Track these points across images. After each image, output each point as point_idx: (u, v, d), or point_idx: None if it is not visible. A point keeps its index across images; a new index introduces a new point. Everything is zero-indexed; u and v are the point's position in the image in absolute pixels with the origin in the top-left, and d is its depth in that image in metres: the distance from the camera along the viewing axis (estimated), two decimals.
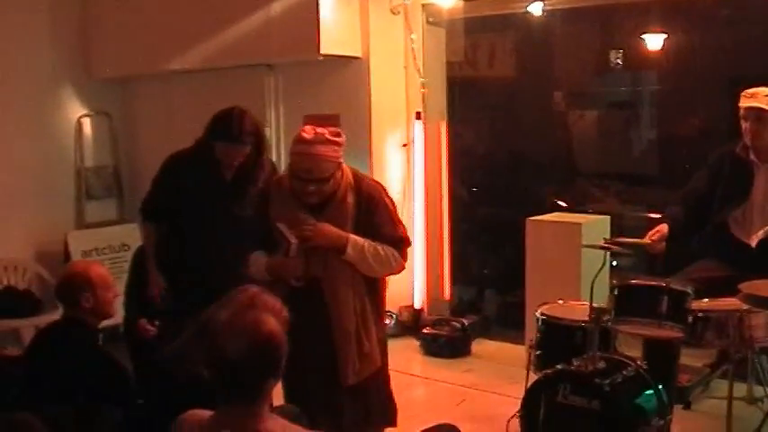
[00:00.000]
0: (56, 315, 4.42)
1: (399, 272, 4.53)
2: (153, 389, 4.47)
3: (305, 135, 4.14)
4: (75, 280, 4.30)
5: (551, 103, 9.65)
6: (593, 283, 4.58)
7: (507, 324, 7.53)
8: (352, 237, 4.27)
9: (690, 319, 4.54)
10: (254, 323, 2.74)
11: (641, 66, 9.34)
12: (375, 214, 4.37)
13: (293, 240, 4.14)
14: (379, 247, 4.32)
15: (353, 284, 4.35)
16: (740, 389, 5.32)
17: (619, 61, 9.17)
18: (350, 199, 4.31)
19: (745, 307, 4.43)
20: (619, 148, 9.72)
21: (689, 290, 4.61)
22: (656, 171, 9.07)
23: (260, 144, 5.02)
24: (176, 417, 2.90)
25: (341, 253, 4.25)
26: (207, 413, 2.84)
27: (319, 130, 4.16)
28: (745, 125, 5.29)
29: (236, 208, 4.93)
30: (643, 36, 8.71)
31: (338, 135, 4.20)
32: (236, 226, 4.82)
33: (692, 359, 5.84)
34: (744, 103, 5.29)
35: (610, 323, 4.70)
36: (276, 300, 3.36)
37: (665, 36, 8.65)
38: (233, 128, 4.87)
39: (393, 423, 4.67)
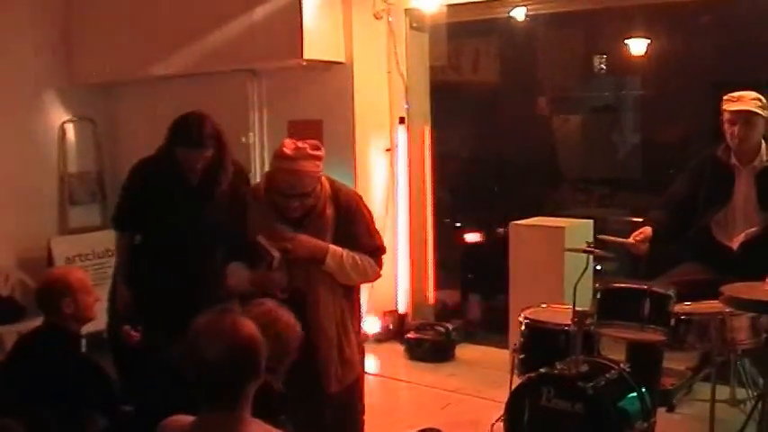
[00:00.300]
0: (39, 321, 4.39)
1: (375, 280, 4.60)
2: (137, 395, 4.46)
3: (286, 151, 4.15)
4: (56, 286, 4.28)
5: (535, 108, 9.69)
6: (575, 286, 4.59)
7: (491, 328, 7.52)
8: (332, 247, 4.30)
9: (672, 322, 4.56)
10: (232, 326, 2.75)
11: (624, 71, 9.39)
12: (353, 224, 4.41)
13: (275, 254, 4.16)
14: (357, 257, 4.37)
15: (333, 293, 4.38)
16: (723, 391, 5.34)
17: (603, 66, 9.22)
18: (329, 211, 4.34)
19: (727, 310, 4.45)
20: (602, 152, 9.77)
21: (671, 293, 4.62)
22: (639, 175, 9.11)
23: (221, 146, 5.03)
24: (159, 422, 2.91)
25: (320, 264, 4.28)
26: (189, 418, 2.84)
27: (300, 144, 4.19)
28: (732, 129, 5.25)
29: (206, 210, 4.93)
30: (626, 41, 8.75)
31: (318, 148, 4.23)
32: (206, 231, 4.85)
33: (675, 362, 5.85)
34: (731, 106, 5.25)
35: (593, 326, 4.71)
36: (291, 314, 3.39)
37: (647, 41, 8.70)
38: (193, 132, 4.90)
39: None
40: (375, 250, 4.47)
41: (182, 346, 2.76)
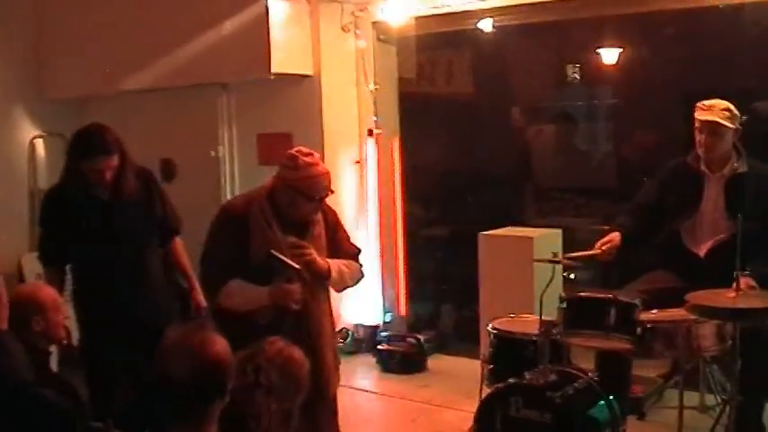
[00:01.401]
0: None
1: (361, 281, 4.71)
2: (109, 411, 4.44)
3: (311, 158, 4.24)
4: (26, 303, 4.24)
5: (505, 119, 9.72)
6: (542, 296, 4.62)
7: (464, 339, 7.54)
8: (330, 262, 4.38)
9: (638, 330, 4.57)
10: (200, 344, 2.75)
11: (597, 80, 9.43)
12: (337, 230, 4.54)
13: (297, 267, 4.17)
14: (345, 264, 4.47)
15: (324, 301, 4.50)
16: (694, 398, 5.39)
17: (576, 76, 9.25)
18: (320, 218, 4.41)
19: (693, 317, 4.47)
20: (576, 161, 9.80)
21: (636, 302, 4.64)
22: (614, 183, 9.13)
23: (124, 154, 4.87)
24: None
25: (326, 279, 4.37)
26: None
27: (305, 150, 4.28)
28: (699, 137, 5.27)
29: (123, 217, 4.89)
30: (598, 51, 8.79)
31: None
32: (130, 238, 4.87)
33: (645, 370, 5.90)
34: (700, 115, 5.26)
35: (559, 336, 4.72)
36: (300, 351, 3.40)
37: (620, 50, 8.74)
38: (95, 140, 4.77)
39: None
40: (358, 253, 4.61)
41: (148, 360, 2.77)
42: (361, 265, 4.61)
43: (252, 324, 4.13)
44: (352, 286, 4.62)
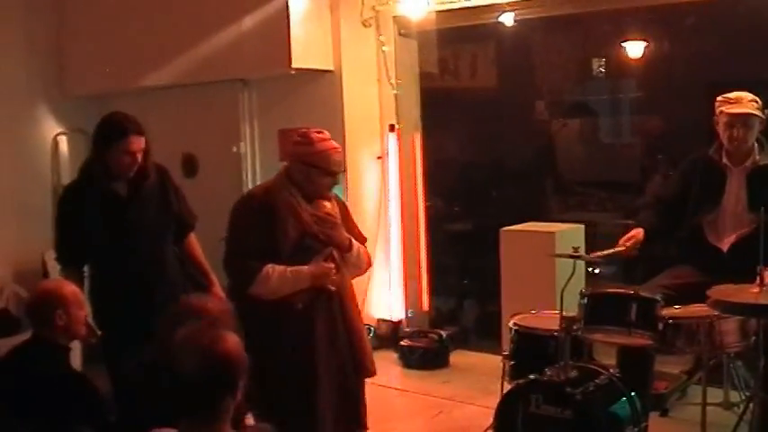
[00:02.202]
0: None
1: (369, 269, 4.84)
2: (124, 405, 4.45)
3: (321, 134, 4.39)
4: (49, 298, 4.25)
5: (526, 113, 9.69)
6: (562, 292, 4.59)
7: (486, 335, 7.51)
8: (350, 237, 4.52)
9: (660, 326, 4.54)
10: (211, 341, 2.74)
11: (620, 73, 9.38)
12: (347, 219, 4.62)
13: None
14: (358, 245, 4.57)
15: (351, 286, 4.62)
16: (718, 395, 5.34)
17: (601, 69, 9.21)
18: (335, 203, 4.53)
19: (716, 313, 4.43)
20: (600, 155, 9.76)
21: (658, 297, 4.61)
22: (637, 178, 9.09)
23: (148, 142, 4.86)
24: None
25: (347, 251, 4.47)
26: None
27: (316, 129, 4.44)
28: (730, 131, 5.21)
29: (141, 217, 4.88)
30: (621, 44, 8.74)
31: None
32: (151, 231, 4.90)
33: (669, 366, 5.85)
34: (730, 109, 5.21)
35: (580, 332, 4.69)
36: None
37: (644, 44, 8.68)
38: (128, 121, 4.79)
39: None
40: (364, 241, 4.68)
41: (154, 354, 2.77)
42: (368, 254, 4.70)
43: (288, 309, 4.24)
44: (362, 272, 4.74)
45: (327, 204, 4.43)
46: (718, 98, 5.31)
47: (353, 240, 4.50)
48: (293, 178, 4.36)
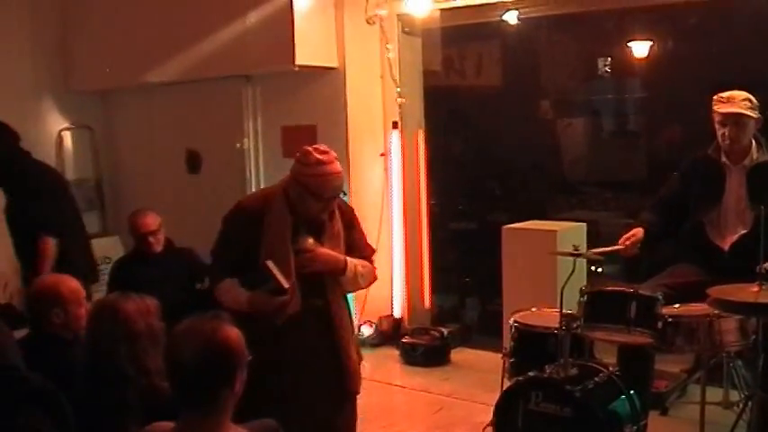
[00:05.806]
0: None
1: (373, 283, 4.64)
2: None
3: (325, 156, 4.13)
4: (46, 295, 4.25)
5: (530, 111, 9.68)
6: (562, 289, 4.59)
7: (487, 332, 7.51)
8: (348, 259, 4.31)
9: (660, 324, 4.54)
10: (210, 330, 2.75)
11: (625, 73, 9.36)
12: (354, 229, 4.47)
13: (286, 285, 4.03)
14: (359, 263, 4.38)
15: (342, 298, 4.45)
16: (717, 394, 5.34)
17: (607, 69, 9.20)
18: (338, 216, 4.35)
19: (716, 312, 4.44)
20: (604, 155, 9.75)
21: (658, 295, 4.61)
22: (642, 177, 9.07)
23: None
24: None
25: (340, 275, 4.30)
26: (170, 425, 2.85)
27: (322, 148, 4.17)
28: (723, 130, 5.23)
29: None
30: (626, 43, 8.73)
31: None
32: None
33: (669, 365, 5.86)
34: (721, 108, 5.24)
35: (580, 330, 4.70)
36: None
37: (650, 43, 8.67)
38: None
39: None
40: (372, 254, 4.54)
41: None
42: (374, 267, 4.53)
43: (268, 324, 4.10)
44: (364, 288, 4.60)
45: (310, 240, 4.24)
46: (714, 97, 5.32)
47: (349, 261, 4.32)
48: (289, 192, 4.22)
